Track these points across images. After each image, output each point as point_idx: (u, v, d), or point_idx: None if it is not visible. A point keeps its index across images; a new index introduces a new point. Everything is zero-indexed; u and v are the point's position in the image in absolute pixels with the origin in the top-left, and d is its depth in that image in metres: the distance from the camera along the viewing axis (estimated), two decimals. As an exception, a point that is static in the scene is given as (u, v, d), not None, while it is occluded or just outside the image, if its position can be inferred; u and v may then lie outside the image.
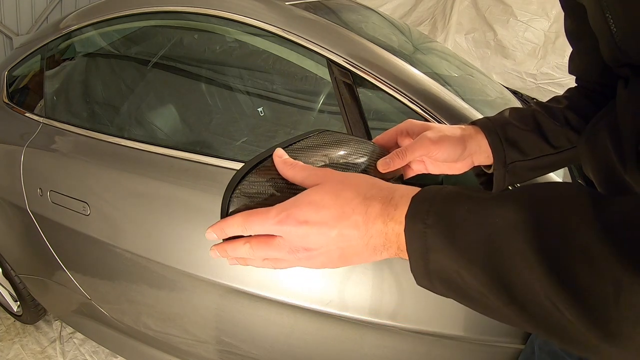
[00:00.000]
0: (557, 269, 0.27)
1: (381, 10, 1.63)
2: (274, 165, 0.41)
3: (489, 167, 0.56)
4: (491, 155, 0.54)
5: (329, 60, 0.87)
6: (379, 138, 0.54)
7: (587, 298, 0.26)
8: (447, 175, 0.60)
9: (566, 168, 0.99)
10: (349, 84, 0.85)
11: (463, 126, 0.55)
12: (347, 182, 0.35)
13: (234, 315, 0.95)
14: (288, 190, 0.41)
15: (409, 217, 0.33)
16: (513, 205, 0.30)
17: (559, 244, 0.27)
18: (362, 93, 0.85)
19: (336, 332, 0.86)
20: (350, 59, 0.85)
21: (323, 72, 0.90)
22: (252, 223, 0.36)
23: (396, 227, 0.33)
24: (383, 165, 0.47)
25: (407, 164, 0.51)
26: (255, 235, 0.37)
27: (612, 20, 0.41)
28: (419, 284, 0.34)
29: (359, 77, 0.84)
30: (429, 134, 0.50)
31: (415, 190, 0.35)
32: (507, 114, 0.58)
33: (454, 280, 0.32)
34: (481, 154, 0.54)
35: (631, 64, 0.42)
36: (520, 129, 0.55)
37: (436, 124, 0.53)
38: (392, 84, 0.82)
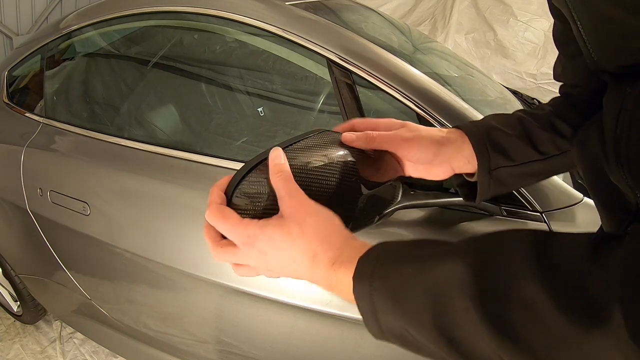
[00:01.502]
0: (502, 325, 0.27)
1: (381, 10, 1.63)
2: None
3: (472, 175, 0.53)
4: (472, 161, 0.51)
5: (329, 60, 0.87)
6: (358, 120, 0.51)
7: (534, 352, 0.26)
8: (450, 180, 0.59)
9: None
10: (349, 84, 0.85)
11: (445, 130, 0.53)
12: (306, 227, 0.37)
13: (234, 315, 0.95)
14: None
15: (356, 278, 0.34)
16: (457, 261, 0.30)
17: (503, 299, 0.28)
18: (362, 93, 0.85)
19: (336, 332, 0.86)
20: (350, 59, 0.85)
21: (323, 72, 0.90)
22: (222, 226, 0.39)
23: (345, 284, 0.35)
24: (346, 138, 0.46)
25: (386, 165, 0.50)
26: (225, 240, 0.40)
27: (582, 31, 0.41)
28: (375, 338, 0.36)
29: (359, 77, 0.84)
30: (402, 131, 0.49)
31: (363, 249, 0.36)
32: (491, 119, 0.55)
33: (406, 337, 0.33)
34: (461, 159, 0.51)
35: (607, 70, 0.42)
36: (506, 134, 0.52)
37: (412, 123, 0.51)
38: (392, 84, 0.82)
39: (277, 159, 0.40)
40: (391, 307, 0.33)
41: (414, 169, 0.51)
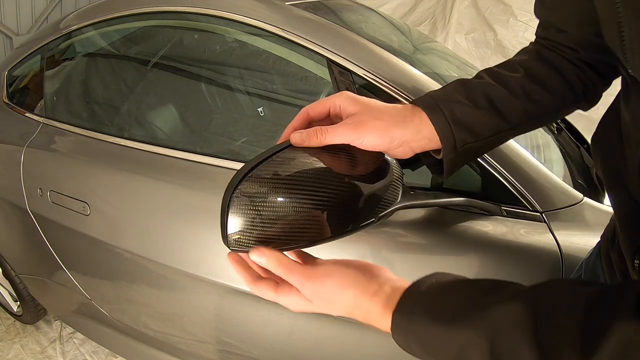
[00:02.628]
0: None
1: (381, 10, 1.63)
2: (275, 165, 0.41)
3: (437, 151, 0.49)
4: (434, 139, 0.47)
5: (329, 60, 0.87)
6: (312, 107, 0.47)
7: None
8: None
9: (566, 168, 0.99)
10: (349, 84, 0.85)
11: (400, 106, 0.48)
12: (336, 306, 0.43)
13: (234, 315, 0.95)
14: (288, 190, 0.41)
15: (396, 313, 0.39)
16: (514, 304, 0.32)
17: (552, 346, 0.29)
18: (362, 93, 0.85)
19: (336, 332, 0.86)
20: (350, 59, 0.85)
21: (323, 72, 0.90)
22: (292, 277, 0.44)
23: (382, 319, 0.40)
24: (296, 139, 0.43)
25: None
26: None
27: (626, 34, 0.36)
28: None
29: (359, 77, 0.84)
30: (349, 120, 0.45)
31: (399, 293, 0.40)
32: (452, 89, 0.50)
33: None
34: (421, 140, 0.47)
35: None
36: (470, 107, 0.48)
37: (368, 103, 0.46)
38: (392, 84, 0.82)
39: (262, 256, 0.43)
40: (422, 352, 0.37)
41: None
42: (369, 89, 0.86)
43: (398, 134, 0.45)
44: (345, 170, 0.44)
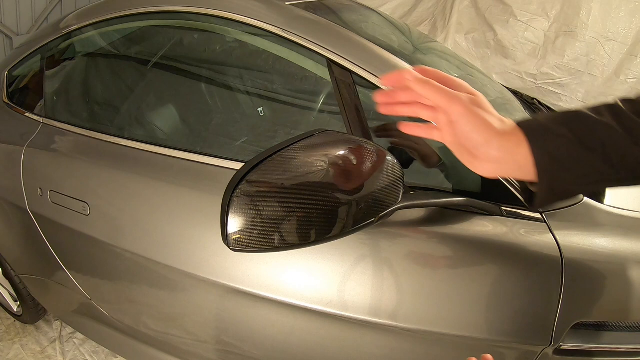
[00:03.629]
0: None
1: (381, 10, 1.63)
2: (275, 165, 0.41)
3: (532, 183, 0.45)
4: (526, 170, 0.43)
5: (329, 60, 0.87)
6: (426, 68, 0.47)
7: None
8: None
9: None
10: (349, 84, 0.85)
11: (505, 121, 0.45)
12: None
13: (234, 315, 0.95)
14: (288, 190, 0.41)
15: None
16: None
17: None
18: (362, 93, 0.85)
19: (336, 332, 0.86)
20: (350, 59, 0.85)
21: (323, 72, 0.90)
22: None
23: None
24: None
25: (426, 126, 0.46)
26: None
27: None
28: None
29: (359, 77, 0.84)
30: (467, 97, 0.45)
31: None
32: (563, 119, 0.44)
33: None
34: (512, 164, 0.43)
35: None
36: (577, 147, 0.42)
37: (482, 100, 0.45)
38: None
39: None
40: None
41: (456, 149, 0.45)
42: (369, 89, 0.86)
43: (495, 144, 0.43)
44: (346, 170, 0.44)
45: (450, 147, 0.46)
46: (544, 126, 0.43)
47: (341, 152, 0.45)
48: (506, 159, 0.43)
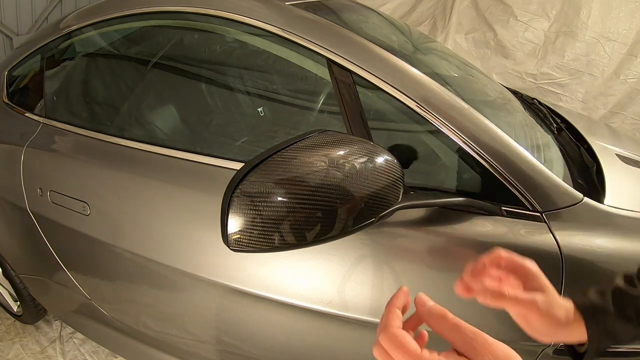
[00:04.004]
0: None
1: (381, 10, 1.63)
2: (275, 165, 0.41)
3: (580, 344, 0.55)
4: (576, 334, 0.53)
5: (329, 60, 0.87)
6: (505, 255, 0.53)
7: None
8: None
9: (566, 168, 0.99)
10: (349, 84, 0.85)
11: (569, 306, 0.53)
12: None
13: (234, 315, 0.95)
14: (288, 190, 0.41)
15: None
16: None
17: None
18: (362, 93, 0.85)
19: (336, 332, 0.86)
20: (350, 59, 0.85)
21: (323, 72, 0.90)
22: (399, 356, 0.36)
23: None
24: (460, 288, 0.51)
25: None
26: None
27: None
28: None
29: (359, 77, 0.84)
30: (538, 297, 0.50)
31: None
32: (610, 299, 0.55)
33: None
34: (567, 337, 0.53)
35: None
36: (621, 319, 0.53)
37: (552, 291, 0.51)
38: (392, 84, 0.82)
39: (427, 304, 0.38)
40: None
41: (520, 318, 0.53)
42: (369, 89, 0.86)
43: (556, 333, 0.51)
44: (349, 170, 0.44)
45: (513, 316, 0.53)
46: (596, 307, 0.54)
47: (341, 152, 0.45)
48: (562, 339, 0.53)
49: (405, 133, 0.90)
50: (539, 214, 0.76)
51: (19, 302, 1.55)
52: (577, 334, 0.53)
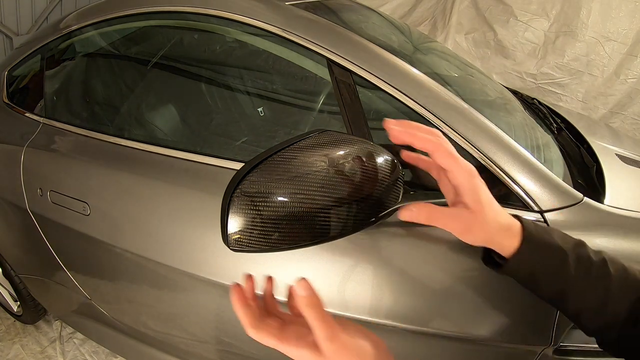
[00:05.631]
0: None
1: (381, 10, 1.63)
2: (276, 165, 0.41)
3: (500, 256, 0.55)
4: (507, 252, 0.53)
5: (329, 60, 0.87)
6: (441, 152, 0.49)
7: None
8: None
9: (566, 168, 0.99)
10: (349, 84, 0.85)
11: (510, 222, 0.53)
12: None
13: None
14: (288, 190, 0.41)
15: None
16: None
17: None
18: (362, 93, 0.85)
19: (336, 332, 0.86)
20: (350, 59, 0.85)
21: (323, 72, 0.90)
22: (322, 326, 0.40)
23: None
24: (405, 215, 0.49)
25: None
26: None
27: None
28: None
29: (359, 77, 0.84)
30: (461, 216, 0.50)
31: None
32: (563, 247, 0.53)
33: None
34: (497, 247, 0.53)
35: None
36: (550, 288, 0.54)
37: (486, 210, 0.50)
38: (392, 84, 0.82)
39: (306, 290, 0.40)
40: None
41: (456, 214, 0.52)
42: (369, 89, 0.86)
43: (491, 238, 0.51)
44: (349, 171, 0.44)
45: (450, 207, 0.53)
46: (543, 239, 0.53)
47: (341, 152, 0.45)
48: (493, 243, 0.52)
49: (405, 133, 0.90)
50: (538, 214, 0.76)
51: (19, 302, 1.56)
52: (507, 245, 0.52)
